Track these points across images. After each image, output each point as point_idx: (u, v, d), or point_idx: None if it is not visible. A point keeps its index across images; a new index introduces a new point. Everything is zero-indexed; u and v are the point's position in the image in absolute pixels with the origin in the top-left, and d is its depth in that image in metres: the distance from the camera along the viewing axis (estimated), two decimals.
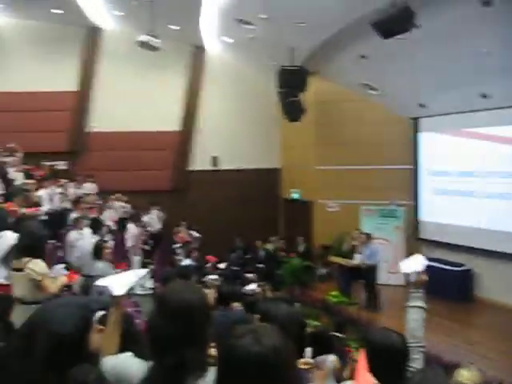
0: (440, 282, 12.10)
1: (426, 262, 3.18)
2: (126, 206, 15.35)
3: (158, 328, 2.06)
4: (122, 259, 11.43)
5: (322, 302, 12.73)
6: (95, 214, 11.34)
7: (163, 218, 16.02)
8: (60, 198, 12.47)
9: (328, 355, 3.84)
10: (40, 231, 5.32)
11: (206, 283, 7.00)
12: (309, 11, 11.27)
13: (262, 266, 15.62)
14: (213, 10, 13.52)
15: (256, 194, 17.76)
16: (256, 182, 17.83)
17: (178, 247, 14.43)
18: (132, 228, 12.13)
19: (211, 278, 6.83)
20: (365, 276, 12.63)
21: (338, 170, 16.06)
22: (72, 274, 6.23)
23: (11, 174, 11.77)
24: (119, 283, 2.60)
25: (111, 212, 13.83)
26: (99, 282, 2.79)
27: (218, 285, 6.34)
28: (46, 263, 5.21)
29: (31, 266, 4.98)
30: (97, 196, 14.18)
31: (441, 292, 12.01)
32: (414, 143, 15.29)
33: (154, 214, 15.76)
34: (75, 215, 9.63)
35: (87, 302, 2.82)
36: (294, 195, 17.80)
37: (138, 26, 13.26)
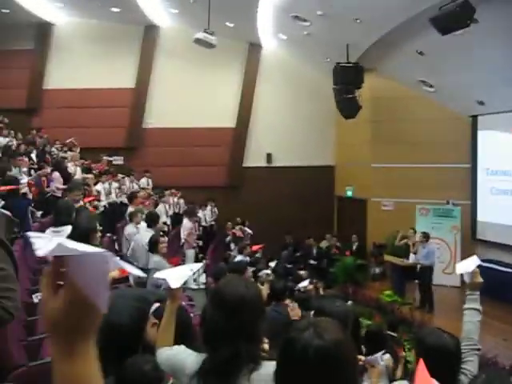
0: (497, 284, 11.82)
1: (478, 263, 3.13)
2: (181, 201, 15.57)
3: (213, 321, 2.10)
4: (177, 254, 11.59)
5: (376, 301, 12.62)
6: (150, 208, 11.54)
7: (217, 213, 16.18)
8: (117, 192, 12.77)
9: (382, 354, 3.83)
10: (89, 223, 5.23)
11: (259, 279, 7.03)
12: (365, 8, 11.17)
13: (314, 264, 15.61)
14: (268, 7, 13.55)
15: (310, 191, 17.70)
16: (310, 179, 17.76)
17: (230, 242, 14.56)
18: (187, 223, 12.25)
19: (265, 273, 6.85)
20: (420, 276, 12.45)
21: (393, 168, 15.86)
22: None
23: (70, 168, 12.12)
24: (175, 276, 2.65)
25: (166, 207, 14.04)
26: (156, 275, 2.87)
27: (271, 281, 6.36)
28: None
29: None
30: (152, 191, 14.43)
31: (498, 294, 11.73)
32: (472, 141, 14.96)
33: (208, 210, 15.93)
34: (131, 209, 9.81)
35: (144, 294, 2.90)
36: (348, 193, 17.66)
37: (195, 23, 13.42)
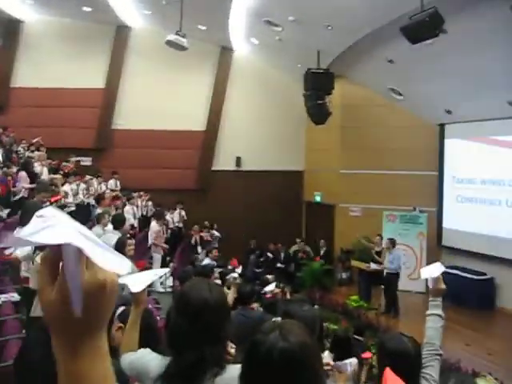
0: (462, 291, 12.04)
1: (442, 269, 3.18)
2: (149, 203, 15.48)
3: (176, 325, 2.09)
4: (144, 256, 11.52)
5: (342, 306, 12.71)
6: (118, 210, 11.45)
7: (185, 216, 16.13)
8: (84, 193, 12.64)
9: (350, 359, 3.85)
10: None
11: (226, 282, 7.02)
12: (337, 15, 11.27)
13: (282, 267, 15.67)
14: (241, 11, 13.56)
15: (279, 195, 17.75)
16: (279, 184, 17.81)
17: (196, 245, 14.54)
18: (154, 226, 12.18)
19: (232, 276, 6.84)
20: (386, 282, 12.58)
21: (362, 174, 16.01)
22: None
23: (36, 168, 11.95)
24: (138, 281, 2.63)
25: (134, 209, 13.93)
26: (119, 280, 2.82)
27: (239, 284, 6.36)
28: None
29: (37, 259, 5.08)
30: (120, 192, 14.32)
31: (462, 300, 11.95)
32: (440, 149, 15.18)
33: (176, 213, 15.87)
34: (99, 211, 9.71)
35: None
36: (317, 198, 17.76)
37: (167, 25, 13.37)
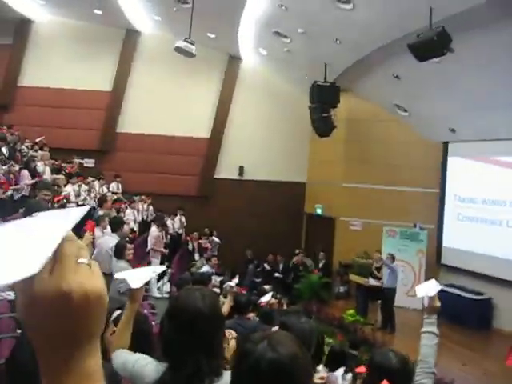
0: (459, 309, 12.02)
1: (438, 288, 3.18)
2: (150, 208, 15.48)
3: (170, 333, 2.08)
4: (142, 261, 11.50)
5: (339, 320, 12.67)
6: (119, 213, 11.46)
7: (185, 223, 16.12)
8: (86, 195, 12.63)
9: (344, 373, 3.83)
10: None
11: (223, 291, 7.01)
12: (345, 29, 11.32)
13: (280, 278, 15.64)
14: (251, 21, 13.62)
15: (280, 206, 17.73)
16: (280, 195, 17.80)
17: (194, 251, 14.54)
18: (154, 231, 12.18)
19: (228, 285, 6.82)
20: (382, 297, 12.55)
21: (364, 189, 16.00)
22: None
23: (39, 168, 11.96)
24: (137, 277, 2.62)
25: (135, 213, 13.94)
26: (118, 275, 2.85)
27: (235, 293, 6.34)
28: None
29: None
30: (122, 196, 14.33)
31: (459, 319, 11.91)
32: (442, 167, 15.18)
33: (177, 219, 15.86)
34: (100, 213, 9.69)
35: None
36: (318, 210, 17.73)
37: (176, 31, 13.43)
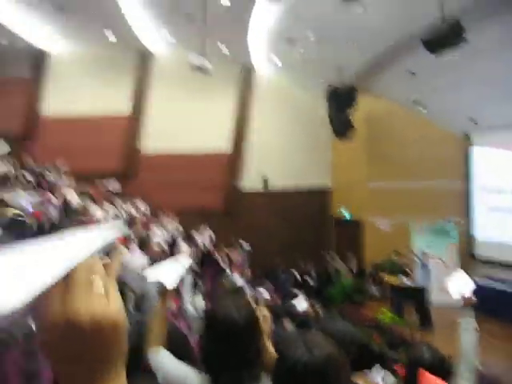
0: (495, 302, 11.82)
1: (472, 286, 3.15)
2: (178, 225, 15.55)
3: (209, 347, 2.10)
4: None
5: (374, 322, 12.56)
6: (147, 233, 11.53)
7: (214, 238, 16.15)
8: (113, 218, 12.74)
9: (384, 375, 3.80)
10: None
11: (257, 300, 7.01)
12: (356, 30, 11.32)
13: (312, 285, 15.59)
14: (262, 31, 13.69)
15: (307, 213, 17.69)
16: (306, 202, 17.76)
17: (224, 265, 14.53)
18: (184, 248, 12.23)
19: (262, 296, 6.84)
20: (416, 296, 12.42)
21: (389, 188, 15.90)
22: None
23: (67, 195, 12.12)
24: (167, 275, 2.59)
25: (163, 232, 14.02)
26: (149, 278, 2.72)
27: (271, 304, 6.35)
28: None
29: None
30: (149, 216, 14.44)
31: (496, 312, 11.71)
32: (467, 159, 15.04)
33: (205, 234, 15.90)
34: (129, 234, 9.77)
35: (141, 317, 2.86)
36: (345, 214, 17.65)
37: (189, 48, 13.52)
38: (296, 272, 16.42)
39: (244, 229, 17.00)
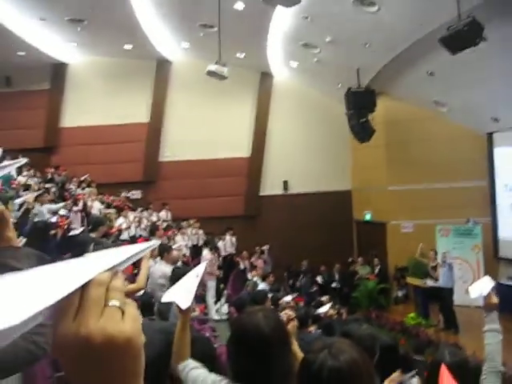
0: None
1: (492, 285, 3.12)
2: (200, 232, 15.62)
3: (238, 359, 2.08)
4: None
5: (400, 325, 12.48)
6: (170, 241, 11.59)
7: (236, 243, 16.19)
8: (136, 225, 12.86)
9: (411, 376, 3.78)
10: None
11: (279, 306, 7.00)
12: (373, 32, 11.28)
13: (337, 288, 15.57)
14: (278, 36, 13.72)
15: (328, 216, 17.62)
16: (327, 205, 17.69)
17: (246, 270, 14.55)
18: (206, 253, 12.27)
19: (285, 301, 6.82)
20: (441, 297, 12.31)
21: (411, 190, 15.77)
22: None
23: (89, 205, 12.25)
24: (184, 293, 2.56)
25: (185, 238, 14.09)
26: (164, 299, 2.73)
27: (293, 308, 6.34)
28: None
29: None
30: (172, 223, 14.53)
31: None
32: (489, 158, 14.89)
33: (227, 240, 15.94)
34: None
35: (167, 326, 2.88)
36: (367, 217, 17.57)
37: (206, 56, 13.61)
38: (319, 275, 16.42)
39: (266, 233, 17.02)
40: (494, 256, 14.63)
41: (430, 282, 12.49)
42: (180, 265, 8.24)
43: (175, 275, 6.75)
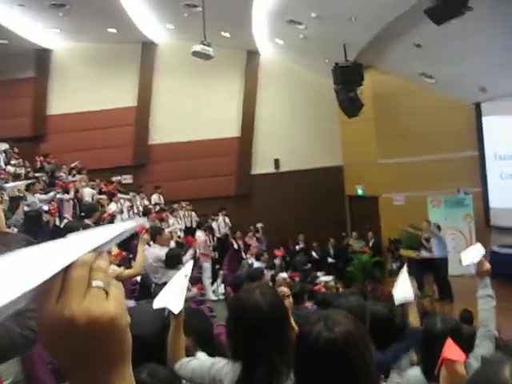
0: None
1: (482, 252, 3.15)
2: (192, 213, 15.62)
3: (238, 336, 2.13)
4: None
5: None
6: (163, 223, 11.59)
7: (229, 223, 16.20)
8: (129, 210, 12.83)
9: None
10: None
11: (276, 283, 7.05)
12: (358, 6, 11.21)
13: (332, 263, 15.70)
14: (263, 13, 13.61)
15: (320, 193, 17.62)
16: (319, 181, 17.68)
17: (240, 250, 14.60)
18: (200, 235, 12.28)
19: (281, 277, 6.87)
20: (435, 268, 12.41)
21: (401, 163, 15.81)
22: None
23: (81, 191, 12.20)
24: (174, 296, 2.57)
25: (178, 221, 14.08)
26: (156, 305, 2.61)
27: (288, 284, 6.38)
28: None
29: None
30: (165, 206, 14.52)
31: None
32: (478, 128, 14.93)
33: (221, 220, 15.95)
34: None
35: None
36: (359, 191, 17.61)
37: (191, 36, 13.49)
38: (314, 250, 16.52)
39: (258, 211, 17.05)
40: (486, 225, 14.74)
41: (424, 253, 12.57)
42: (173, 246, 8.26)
43: (169, 256, 6.79)
